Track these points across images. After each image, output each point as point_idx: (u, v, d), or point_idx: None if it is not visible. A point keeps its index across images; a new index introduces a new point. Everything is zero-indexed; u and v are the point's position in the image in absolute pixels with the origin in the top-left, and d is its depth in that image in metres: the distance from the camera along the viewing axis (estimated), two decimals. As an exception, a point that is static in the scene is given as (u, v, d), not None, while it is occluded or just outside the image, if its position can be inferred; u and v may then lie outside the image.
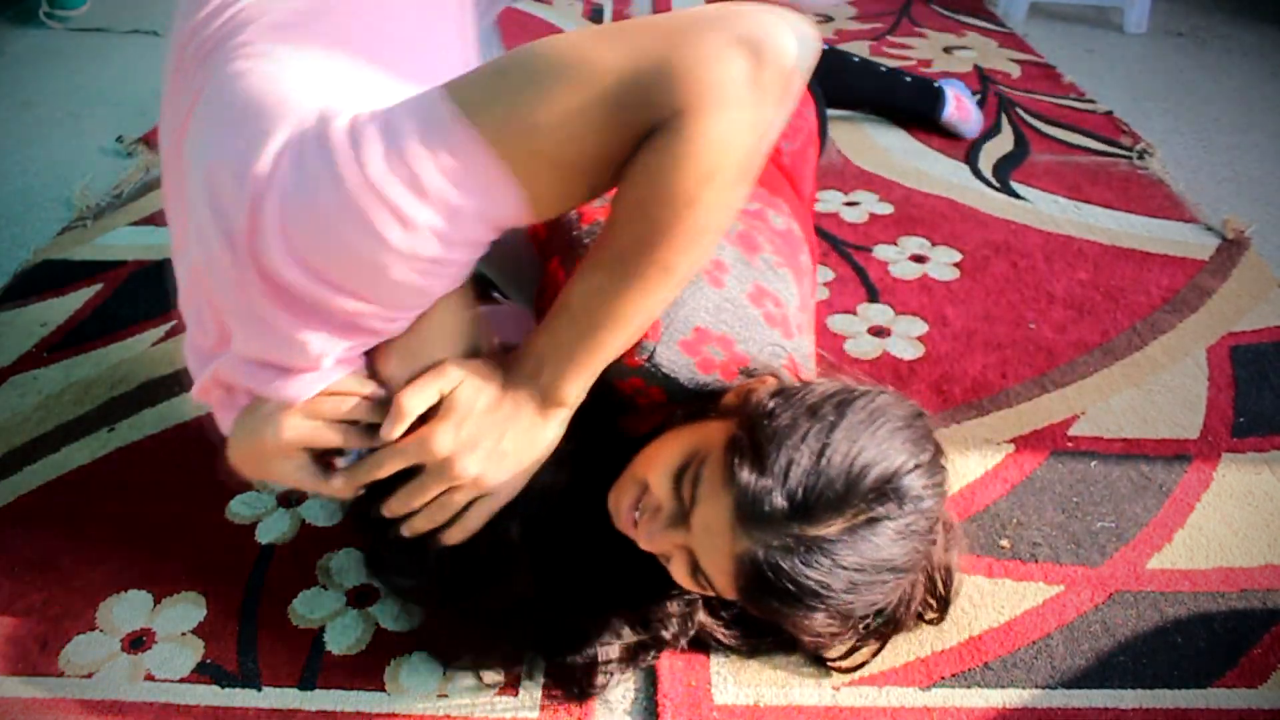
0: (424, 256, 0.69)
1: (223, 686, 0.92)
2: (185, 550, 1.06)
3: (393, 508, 0.80)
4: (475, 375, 0.78)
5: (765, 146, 0.69)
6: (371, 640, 0.96)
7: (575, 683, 0.90)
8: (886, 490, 0.76)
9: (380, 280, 0.70)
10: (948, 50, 2.40)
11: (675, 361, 0.86)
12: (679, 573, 0.82)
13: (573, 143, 0.67)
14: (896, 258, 1.57)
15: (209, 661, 0.94)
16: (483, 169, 0.67)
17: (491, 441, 0.78)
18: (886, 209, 1.71)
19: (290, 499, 1.12)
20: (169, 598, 1.01)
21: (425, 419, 0.78)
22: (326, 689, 0.92)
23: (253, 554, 1.06)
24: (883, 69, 1.99)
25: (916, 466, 0.79)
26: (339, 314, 0.72)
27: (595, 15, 2.55)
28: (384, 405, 0.78)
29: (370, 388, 0.78)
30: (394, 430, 0.77)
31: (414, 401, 0.76)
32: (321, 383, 0.77)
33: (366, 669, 0.94)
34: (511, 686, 0.92)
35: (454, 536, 0.81)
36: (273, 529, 1.08)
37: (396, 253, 0.68)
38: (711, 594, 0.81)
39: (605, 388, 0.84)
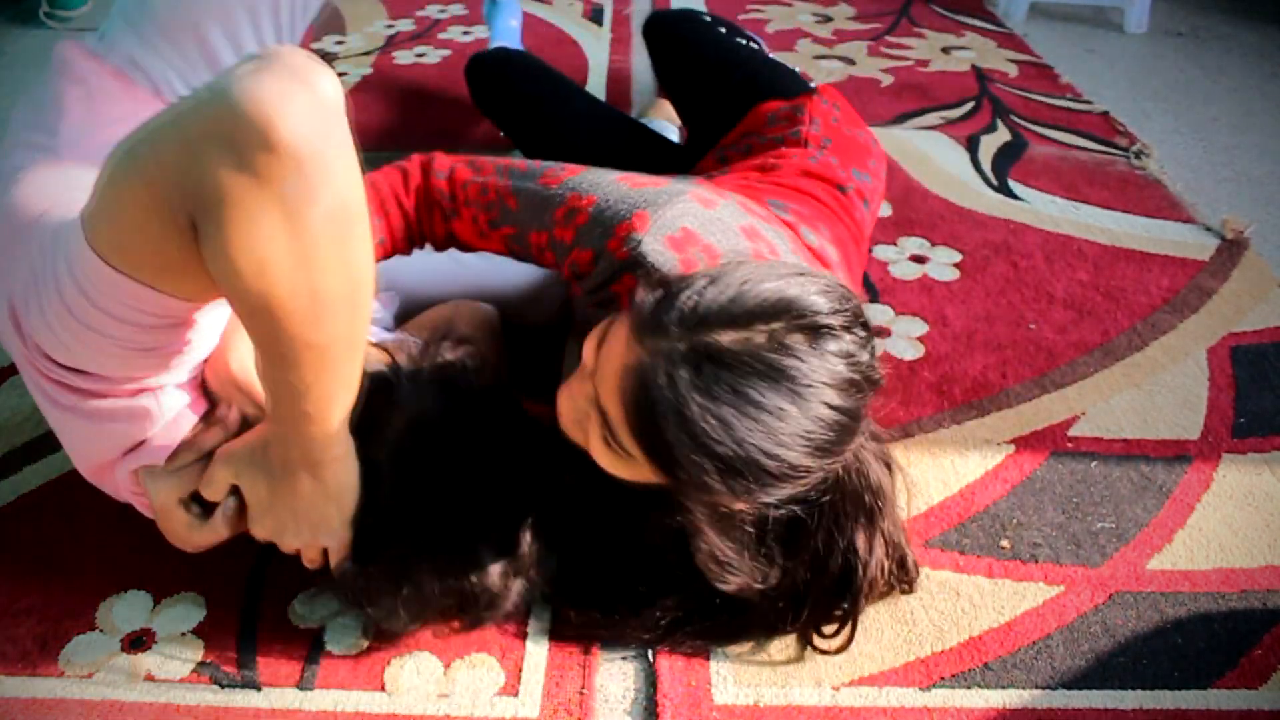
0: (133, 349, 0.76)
1: (223, 687, 0.92)
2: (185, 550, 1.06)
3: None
4: (245, 471, 0.84)
5: (310, 217, 0.63)
6: (371, 640, 0.96)
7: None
8: (794, 317, 0.74)
9: (120, 367, 0.79)
10: (946, 50, 2.40)
11: (660, 254, 0.88)
12: (595, 445, 0.81)
13: (143, 241, 0.67)
14: (896, 258, 1.57)
15: (209, 661, 0.94)
16: (104, 278, 0.69)
17: (291, 516, 0.85)
18: (885, 209, 1.71)
19: (290, 499, 1.12)
20: (169, 598, 1.01)
21: None
22: (326, 689, 0.92)
23: (253, 554, 1.05)
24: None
25: (835, 312, 0.76)
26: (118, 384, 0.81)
27: (595, 15, 2.55)
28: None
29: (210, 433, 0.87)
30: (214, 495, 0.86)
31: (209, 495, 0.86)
32: (169, 436, 0.85)
33: (366, 669, 0.94)
34: (511, 686, 0.92)
35: (336, 570, 0.88)
36: (273, 529, 1.08)
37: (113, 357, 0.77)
38: (628, 469, 0.80)
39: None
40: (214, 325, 0.82)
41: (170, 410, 0.84)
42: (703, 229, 0.91)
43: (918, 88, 2.18)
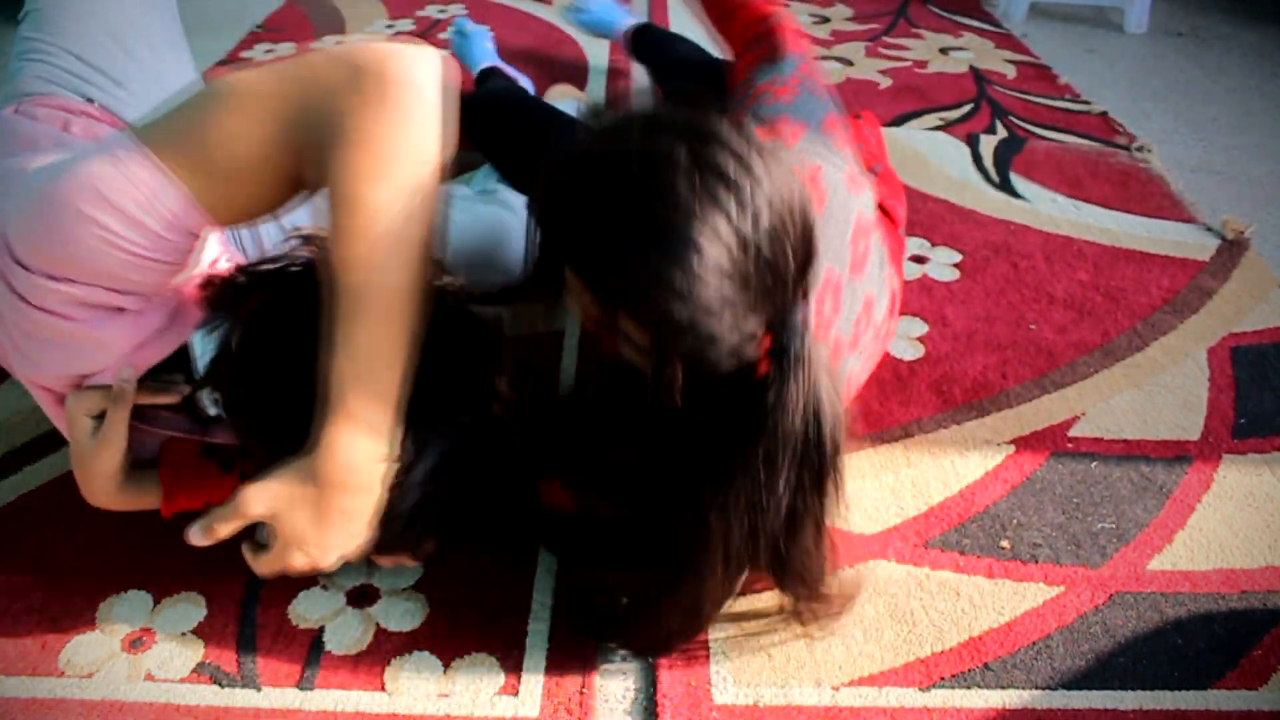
0: (134, 253, 0.80)
1: (223, 686, 0.92)
2: (185, 550, 1.05)
3: (260, 571, 0.86)
4: (287, 499, 0.81)
5: (422, 149, 0.76)
6: (371, 640, 0.96)
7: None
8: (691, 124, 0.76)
9: (107, 271, 0.81)
10: (944, 51, 2.40)
11: None
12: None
13: (241, 159, 0.78)
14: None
15: (209, 661, 0.94)
16: (152, 182, 0.78)
17: (336, 540, 0.83)
18: (886, 209, 1.71)
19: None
20: (169, 598, 1.01)
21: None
22: (326, 689, 0.92)
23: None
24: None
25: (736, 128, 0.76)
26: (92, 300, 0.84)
27: (595, 15, 2.55)
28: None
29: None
30: (203, 541, 0.84)
31: (224, 531, 0.83)
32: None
33: (366, 669, 0.94)
34: (511, 686, 0.92)
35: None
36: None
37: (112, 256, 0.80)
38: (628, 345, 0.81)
39: None
40: (207, 255, 0.91)
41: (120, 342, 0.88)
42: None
43: (916, 89, 2.18)
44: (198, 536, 0.84)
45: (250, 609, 1.00)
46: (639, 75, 2.21)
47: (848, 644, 0.96)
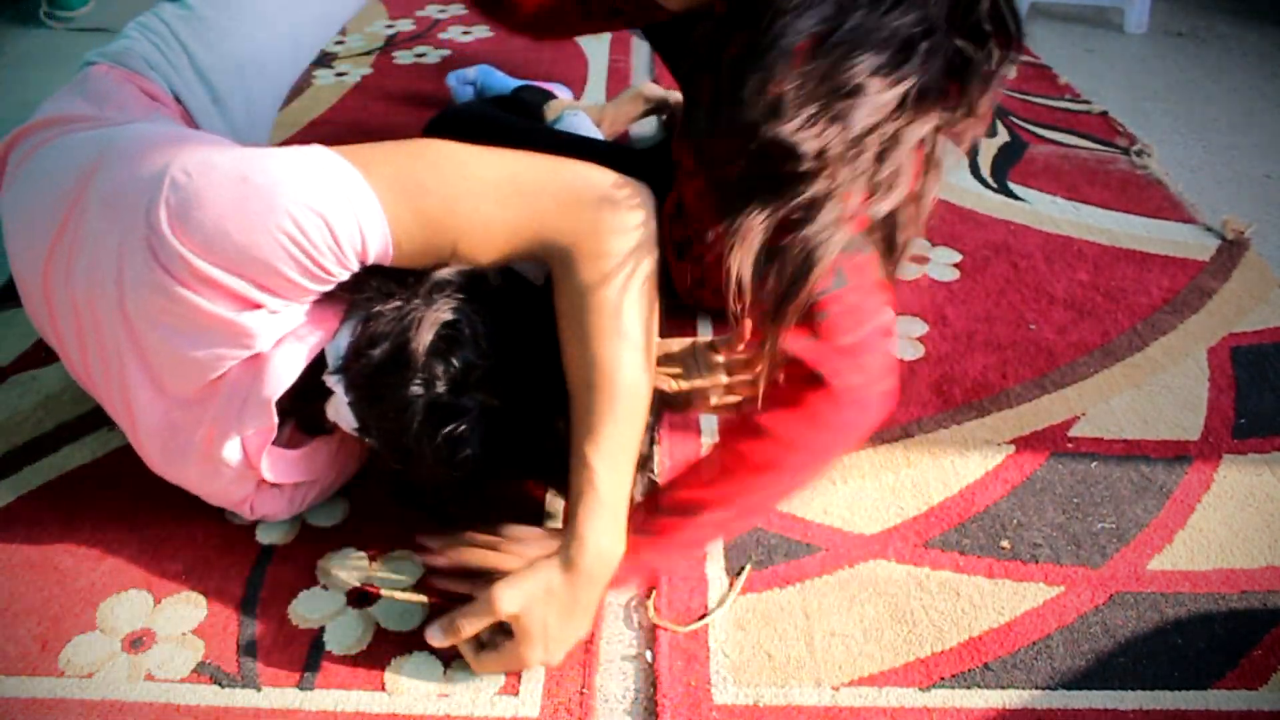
0: (309, 268, 0.84)
1: (223, 686, 0.92)
2: (185, 550, 1.06)
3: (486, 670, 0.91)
4: (541, 595, 0.86)
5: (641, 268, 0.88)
6: (371, 640, 0.96)
7: None
8: None
9: (268, 271, 0.83)
10: (948, 50, 2.40)
11: None
12: None
13: (476, 235, 0.87)
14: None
15: (209, 661, 0.94)
16: (369, 215, 0.83)
17: (570, 633, 0.90)
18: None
19: (290, 499, 1.12)
20: (169, 598, 1.01)
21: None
22: (326, 689, 0.92)
23: (253, 554, 1.06)
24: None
25: None
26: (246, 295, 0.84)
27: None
28: None
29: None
30: (444, 642, 0.88)
31: (469, 630, 0.87)
32: (290, 354, 0.89)
33: (366, 669, 0.94)
34: (511, 686, 0.92)
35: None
36: (272, 529, 1.08)
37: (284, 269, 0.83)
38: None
39: None
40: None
41: (270, 335, 0.88)
42: None
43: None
44: (439, 637, 0.87)
45: (250, 609, 1.00)
46: (639, 73, 2.21)
47: (848, 644, 0.96)
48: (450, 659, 0.94)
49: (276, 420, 0.92)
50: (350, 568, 1.04)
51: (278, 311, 0.87)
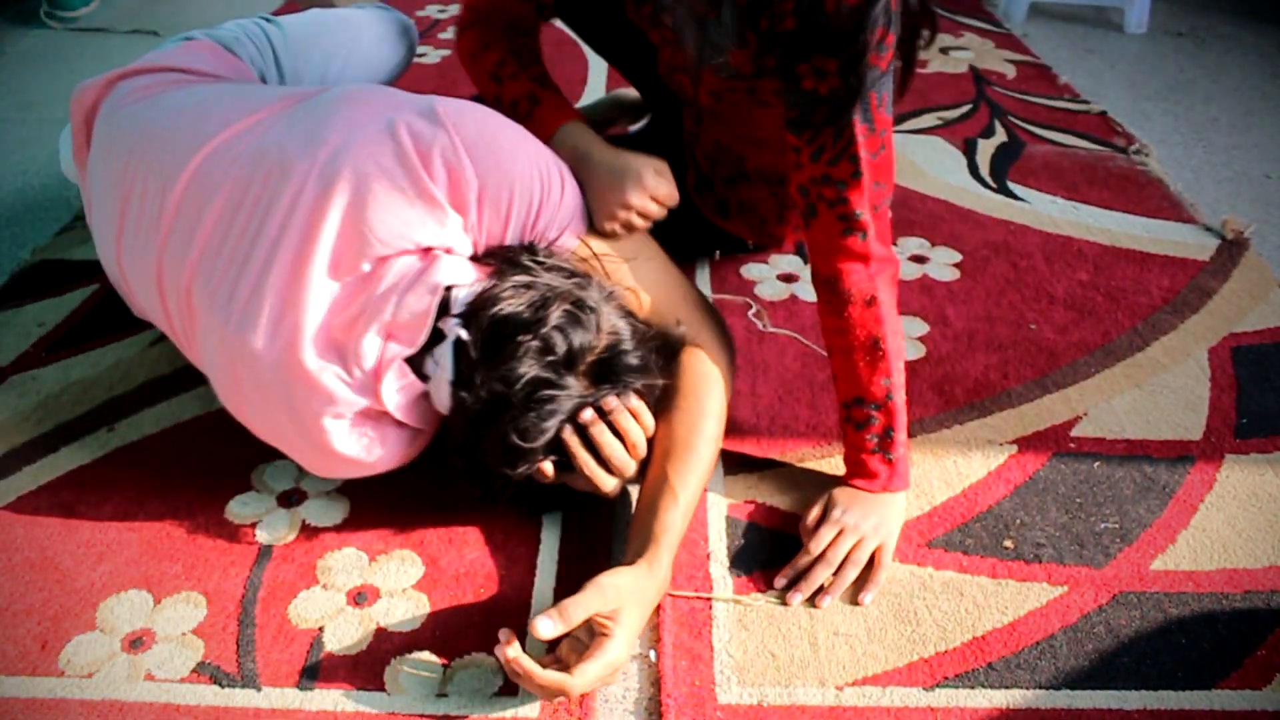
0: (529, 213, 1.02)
1: (223, 686, 0.92)
2: (185, 550, 1.06)
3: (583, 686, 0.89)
4: (638, 596, 0.92)
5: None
6: (372, 640, 0.96)
7: None
8: None
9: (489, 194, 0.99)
10: (944, 51, 2.40)
11: None
12: None
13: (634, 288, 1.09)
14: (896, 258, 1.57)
15: (209, 661, 0.94)
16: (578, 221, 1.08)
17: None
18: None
19: (290, 499, 1.12)
20: (169, 598, 1.00)
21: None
22: (326, 689, 0.91)
23: (253, 554, 1.05)
24: None
25: None
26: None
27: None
28: None
29: None
30: (552, 634, 0.88)
31: (579, 617, 0.88)
32: (455, 262, 0.99)
33: (366, 669, 0.93)
34: (511, 686, 0.91)
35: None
36: (272, 529, 1.08)
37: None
38: None
39: None
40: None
41: (455, 240, 0.99)
42: None
43: (915, 89, 2.18)
44: (551, 627, 0.87)
45: (250, 609, 0.99)
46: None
47: (851, 644, 0.96)
48: (450, 659, 0.94)
49: (430, 325, 0.95)
50: (350, 568, 1.04)
51: (466, 232, 0.99)
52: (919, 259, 1.57)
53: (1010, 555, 1.05)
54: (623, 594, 0.90)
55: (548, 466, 0.96)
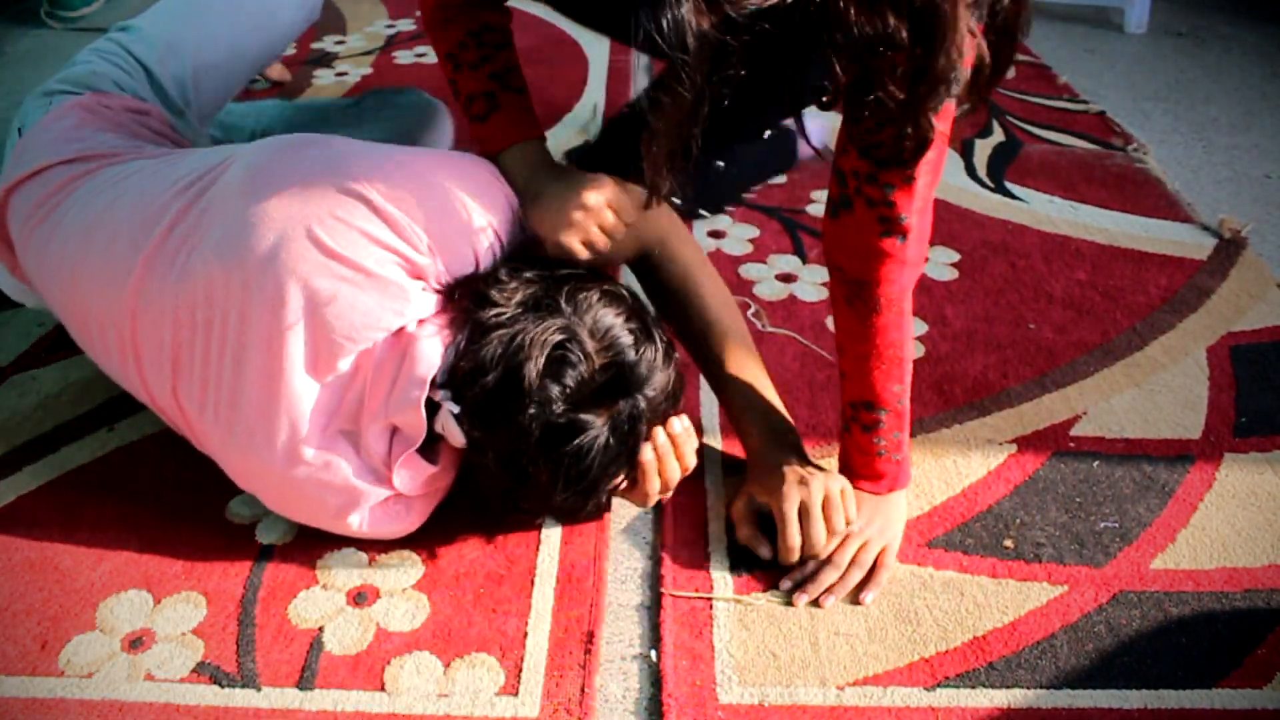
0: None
1: (222, 686, 0.92)
2: (185, 550, 1.06)
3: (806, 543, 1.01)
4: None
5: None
6: (372, 640, 0.96)
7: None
8: None
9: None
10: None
11: None
12: None
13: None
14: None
15: (209, 661, 0.94)
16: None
17: None
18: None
19: (290, 499, 1.12)
20: (169, 598, 1.00)
21: None
22: (326, 689, 0.91)
23: (253, 554, 1.05)
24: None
25: None
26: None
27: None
28: None
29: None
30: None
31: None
32: (430, 340, 0.95)
33: (366, 669, 0.93)
34: (511, 686, 0.91)
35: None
36: (273, 529, 1.08)
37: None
38: None
39: None
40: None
41: (420, 308, 0.96)
42: None
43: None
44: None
45: (250, 609, 0.99)
46: (639, 76, 2.21)
47: (852, 644, 0.96)
48: (450, 659, 0.94)
49: (425, 416, 0.94)
50: (350, 568, 1.04)
51: (427, 291, 0.96)
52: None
53: (1010, 555, 1.05)
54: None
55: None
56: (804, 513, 1.01)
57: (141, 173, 1.07)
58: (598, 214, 1.02)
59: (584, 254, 1.02)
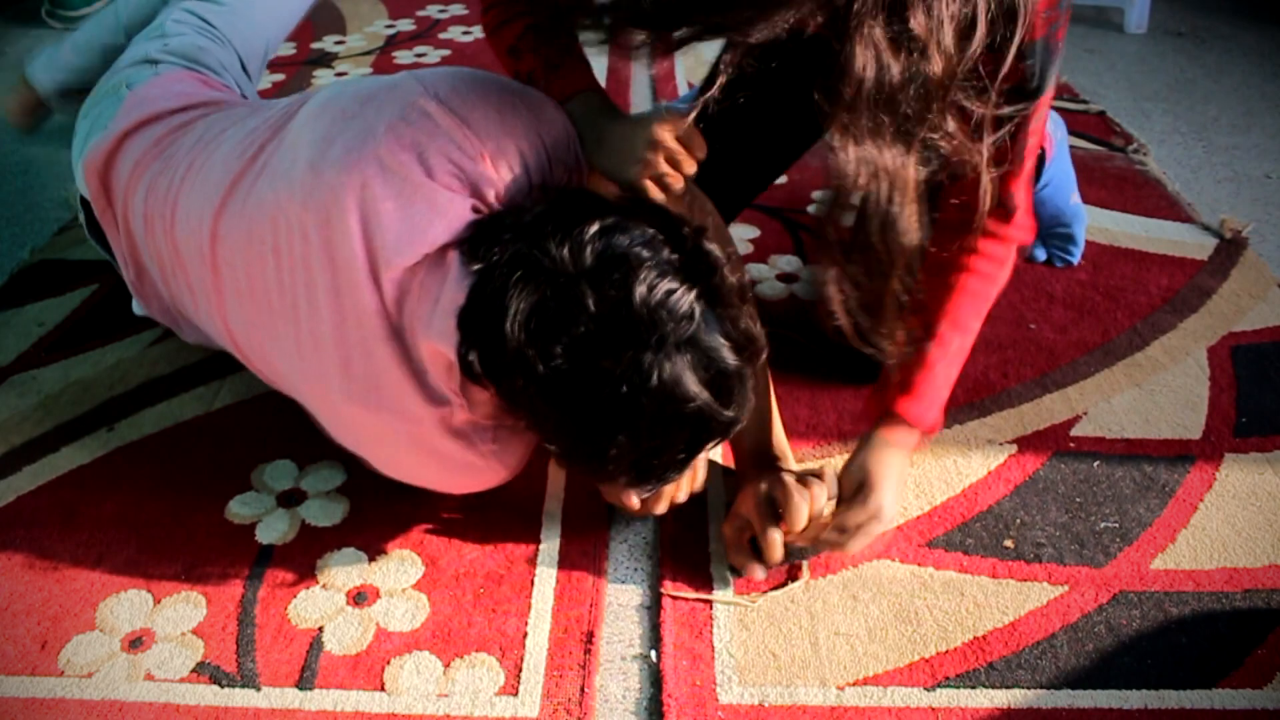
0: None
1: (222, 686, 0.92)
2: (185, 550, 1.06)
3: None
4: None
5: None
6: (372, 640, 0.96)
7: None
8: None
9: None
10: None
11: None
12: None
13: None
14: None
15: (209, 661, 0.94)
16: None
17: None
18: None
19: (290, 499, 1.12)
20: (169, 598, 1.00)
21: None
22: (326, 689, 0.91)
23: (252, 554, 1.05)
24: None
25: None
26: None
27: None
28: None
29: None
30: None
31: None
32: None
33: (366, 669, 0.93)
34: (511, 686, 0.91)
35: None
36: (273, 529, 1.08)
37: None
38: None
39: None
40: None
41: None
42: None
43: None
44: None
45: (250, 609, 0.99)
46: (639, 79, 2.21)
47: (852, 644, 0.96)
48: (450, 659, 0.94)
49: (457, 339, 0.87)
50: (350, 568, 1.04)
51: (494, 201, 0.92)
52: (919, 259, 1.57)
53: (1010, 555, 1.05)
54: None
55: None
56: (784, 496, 1.00)
57: (244, 110, 1.13)
58: (668, 149, 0.96)
59: (657, 193, 0.96)
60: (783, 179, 1.78)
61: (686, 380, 0.80)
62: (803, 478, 1.02)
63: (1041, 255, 1.56)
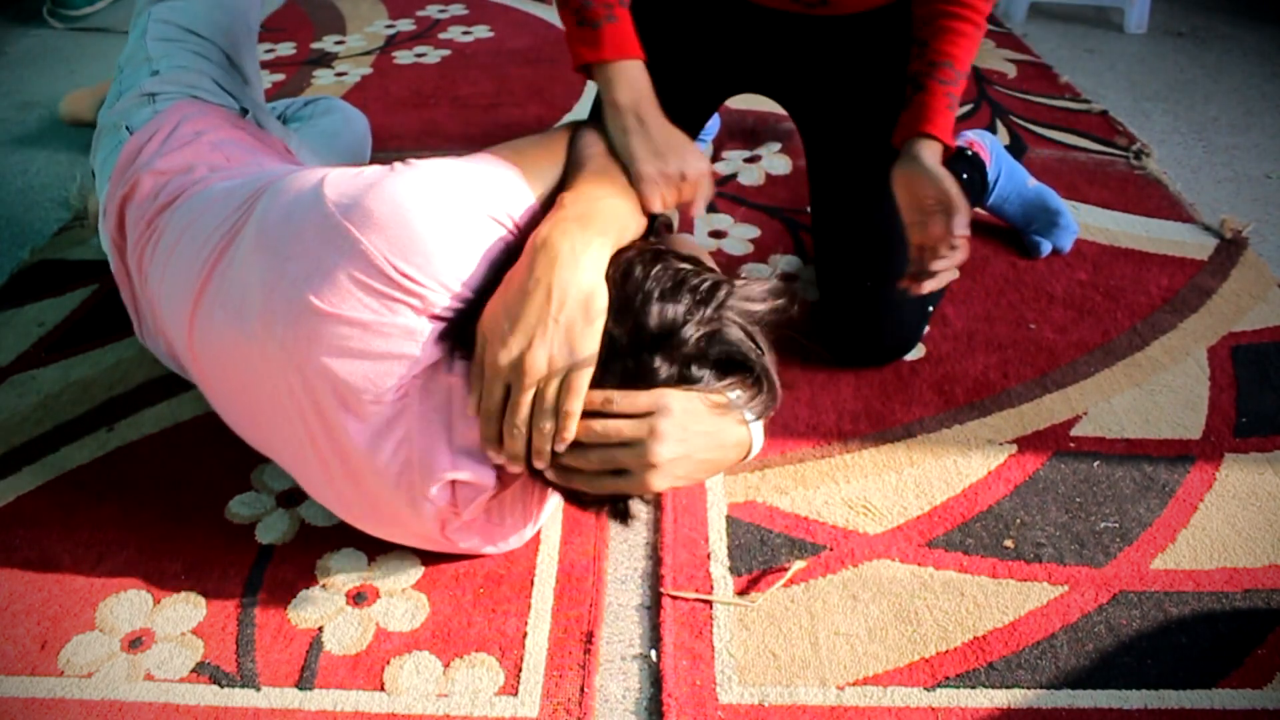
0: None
1: (222, 686, 0.92)
2: (185, 550, 1.06)
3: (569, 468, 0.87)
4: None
5: None
6: (371, 640, 0.96)
7: None
8: None
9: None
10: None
11: None
12: None
13: None
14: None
15: (208, 661, 0.94)
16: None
17: (699, 453, 0.87)
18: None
19: (290, 499, 1.12)
20: (168, 598, 1.00)
21: None
22: (326, 689, 0.91)
23: (252, 554, 1.05)
24: None
25: None
26: None
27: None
28: None
29: None
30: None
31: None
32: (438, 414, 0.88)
33: (366, 669, 0.93)
34: (511, 686, 0.91)
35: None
36: (272, 529, 1.08)
37: None
38: None
39: None
40: None
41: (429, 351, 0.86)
42: None
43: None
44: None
45: (250, 609, 0.99)
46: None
47: (852, 644, 0.96)
48: (450, 659, 0.94)
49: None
50: (350, 568, 1.04)
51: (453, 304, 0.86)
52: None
53: (1010, 555, 1.05)
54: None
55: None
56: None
57: (211, 194, 1.04)
58: (695, 180, 0.99)
59: (658, 208, 0.96)
60: (783, 171, 1.78)
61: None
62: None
63: (1046, 247, 1.57)
